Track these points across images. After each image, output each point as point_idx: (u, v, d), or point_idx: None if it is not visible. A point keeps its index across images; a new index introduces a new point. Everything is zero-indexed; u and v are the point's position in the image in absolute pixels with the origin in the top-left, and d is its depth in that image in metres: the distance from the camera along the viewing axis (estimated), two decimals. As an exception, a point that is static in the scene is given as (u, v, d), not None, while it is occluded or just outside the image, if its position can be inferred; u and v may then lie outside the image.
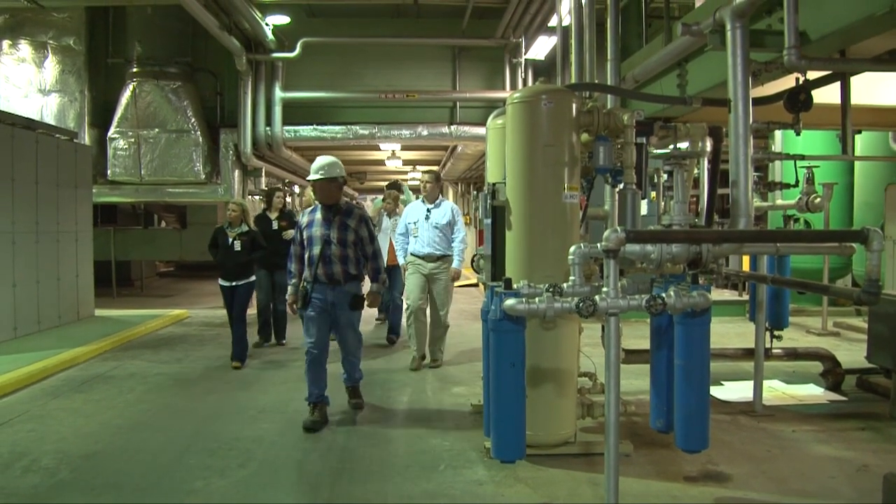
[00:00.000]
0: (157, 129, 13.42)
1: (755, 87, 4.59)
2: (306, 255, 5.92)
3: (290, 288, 6.05)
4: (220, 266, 8.32)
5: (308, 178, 6.28)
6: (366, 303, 6.00)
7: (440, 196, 8.24)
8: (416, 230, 8.05)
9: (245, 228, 8.29)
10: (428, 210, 8.05)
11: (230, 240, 8.18)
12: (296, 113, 14.00)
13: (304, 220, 6.07)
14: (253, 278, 8.41)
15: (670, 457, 4.86)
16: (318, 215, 5.96)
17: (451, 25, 14.09)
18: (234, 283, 8.18)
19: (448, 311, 8.17)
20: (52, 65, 13.34)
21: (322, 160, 5.85)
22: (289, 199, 9.44)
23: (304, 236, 5.96)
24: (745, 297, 11.24)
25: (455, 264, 8.06)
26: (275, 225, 9.27)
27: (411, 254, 8.09)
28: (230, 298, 8.25)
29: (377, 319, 11.18)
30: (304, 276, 5.92)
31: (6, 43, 13.19)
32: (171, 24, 13.52)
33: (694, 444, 4.07)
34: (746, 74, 4.26)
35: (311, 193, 7.10)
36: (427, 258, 7.98)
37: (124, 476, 4.62)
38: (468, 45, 14.46)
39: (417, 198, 8.63)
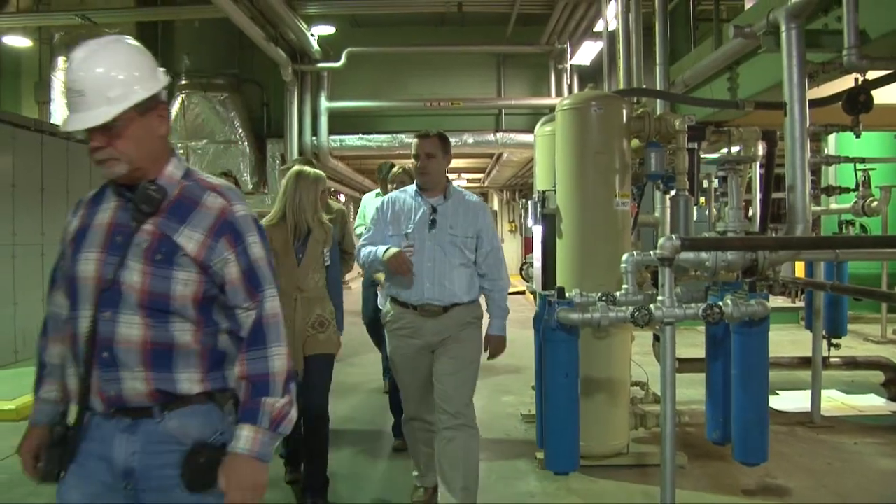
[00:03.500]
0: (205, 140, 13.61)
1: (811, 89, 4.48)
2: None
3: None
4: None
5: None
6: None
7: (449, 181, 4.07)
8: (406, 250, 3.88)
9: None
10: (432, 209, 3.91)
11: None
12: (341, 122, 14.08)
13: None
14: None
15: (726, 469, 4.75)
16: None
17: (495, 32, 14.06)
18: None
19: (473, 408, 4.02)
20: (104, 79, 13.62)
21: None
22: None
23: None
24: (798, 303, 10.99)
25: (496, 328, 4.00)
26: None
27: (393, 299, 4.02)
28: None
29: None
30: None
31: (61, 59, 13.47)
32: (218, 36, 13.70)
33: (752, 457, 3.96)
34: (802, 76, 4.17)
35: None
36: (428, 310, 3.86)
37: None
38: (513, 52, 14.41)
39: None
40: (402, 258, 3.78)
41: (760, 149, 5.45)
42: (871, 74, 4.92)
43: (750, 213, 8.83)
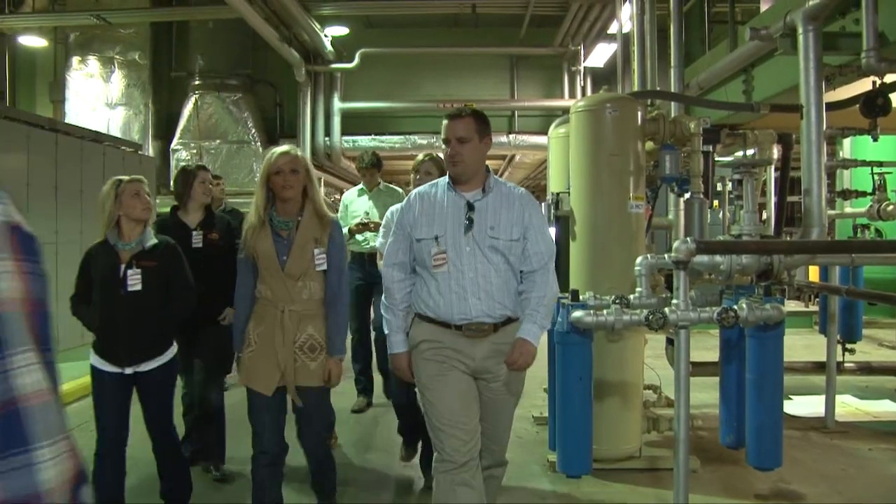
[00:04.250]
0: (218, 141, 13.65)
1: (827, 92, 4.46)
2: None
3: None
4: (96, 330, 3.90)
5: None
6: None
7: (489, 171, 3.32)
8: (437, 259, 3.15)
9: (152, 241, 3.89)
10: (468, 206, 3.17)
11: (122, 268, 3.79)
12: (354, 123, 14.11)
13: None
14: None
15: (739, 473, 4.71)
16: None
17: (508, 34, 14.05)
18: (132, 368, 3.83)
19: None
20: (118, 79, 13.69)
21: None
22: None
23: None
24: (812, 307, 10.93)
25: (529, 332, 3.17)
26: (196, 238, 4.60)
27: (424, 318, 3.24)
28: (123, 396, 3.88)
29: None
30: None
31: (76, 59, 13.56)
32: (232, 37, 13.75)
33: (766, 462, 3.94)
34: (819, 79, 4.14)
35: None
36: (476, 330, 3.14)
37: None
38: (526, 54, 14.40)
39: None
40: (405, 365, 3.28)
41: (775, 152, 5.42)
42: (889, 77, 4.89)
43: (764, 216, 8.79)
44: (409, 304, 3.26)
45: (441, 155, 3.83)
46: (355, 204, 6.18)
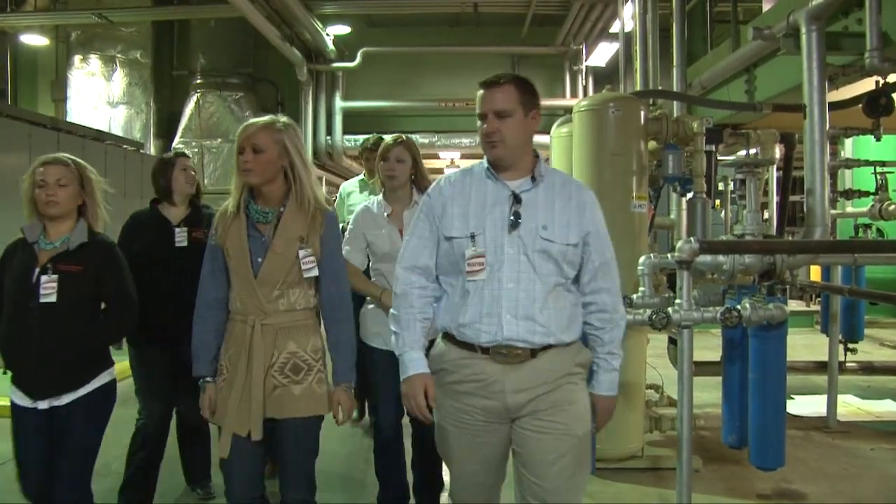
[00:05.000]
0: (219, 139, 13.65)
1: (830, 92, 4.46)
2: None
3: None
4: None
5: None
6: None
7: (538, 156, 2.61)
8: (474, 264, 2.47)
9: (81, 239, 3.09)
10: (514, 198, 2.49)
11: (35, 273, 3.00)
12: (356, 122, 14.11)
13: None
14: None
15: (741, 473, 4.71)
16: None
17: (510, 33, 14.05)
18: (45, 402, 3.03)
19: None
20: (119, 78, 13.69)
21: None
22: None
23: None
24: (814, 307, 10.93)
25: (605, 384, 2.61)
26: (180, 236, 3.92)
27: (449, 336, 2.56)
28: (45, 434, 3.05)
29: None
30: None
31: (77, 58, 13.57)
32: (233, 35, 13.76)
33: (769, 462, 3.94)
34: (822, 79, 4.14)
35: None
36: (508, 355, 2.45)
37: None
38: (528, 53, 14.42)
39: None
40: (419, 397, 2.50)
41: (777, 151, 5.42)
42: (892, 77, 4.90)
43: (766, 215, 8.79)
44: (428, 317, 2.58)
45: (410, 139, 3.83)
46: (354, 197, 5.47)
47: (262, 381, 2.72)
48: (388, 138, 3.85)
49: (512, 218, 2.44)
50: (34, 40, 13.62)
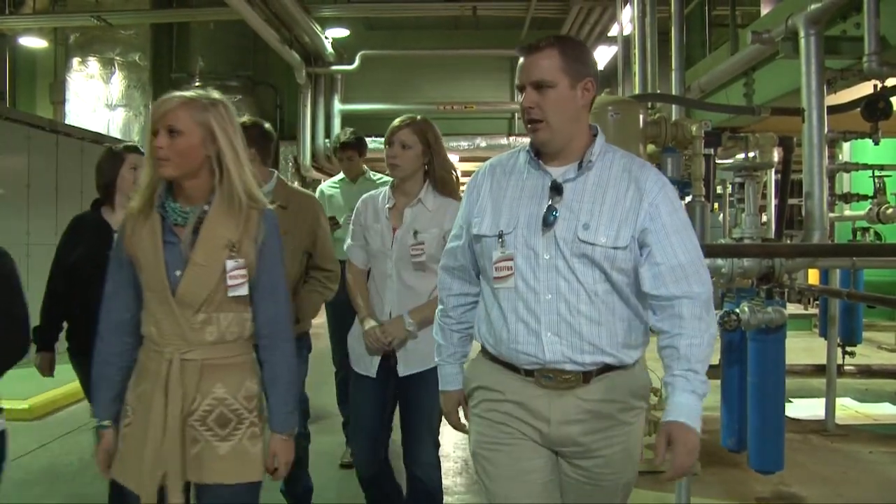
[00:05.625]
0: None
1: (828, 95, 4.46)
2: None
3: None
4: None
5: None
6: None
7: (595, 135, 2.15)
8: (501, 269, 2.10)
9: None
10: (554, 188, 2.08)
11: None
12: (355, 125, 13.89)
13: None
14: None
15: (740, 477, 4.72)
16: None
17: (509, 36, 14.02)
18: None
19: None
20: (118, 80, 13.68)
21: None
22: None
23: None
24: (812, 310, 10.94)
25: (683, 408, 2.02)
26: None
27: (487, 353, 2.22)
28: None
29: None
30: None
31: (76, 60, 13.55)
32: (232, 38, 13.77)
33: (768, 465, 3.96)
34: (821, 83, 4.15)
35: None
36: (554, 379, 2.08)
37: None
38: (525, 56, 14.41)
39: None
40: (452, 415, 2.40)
41: (776, 155, 5.43)
42: (890, 81, 4.90)
43: (764, 218, 8.81)
44: (469, 327, 2.31)
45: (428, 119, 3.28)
46: (335, 199, 5.14)
47: (178, 433, 2.11)
48: (396, 120, 3.27)
49: (546, 215, 2.04)
50: (33, 42, 13.62)
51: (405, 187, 3.21)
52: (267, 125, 3.49)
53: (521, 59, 2.08)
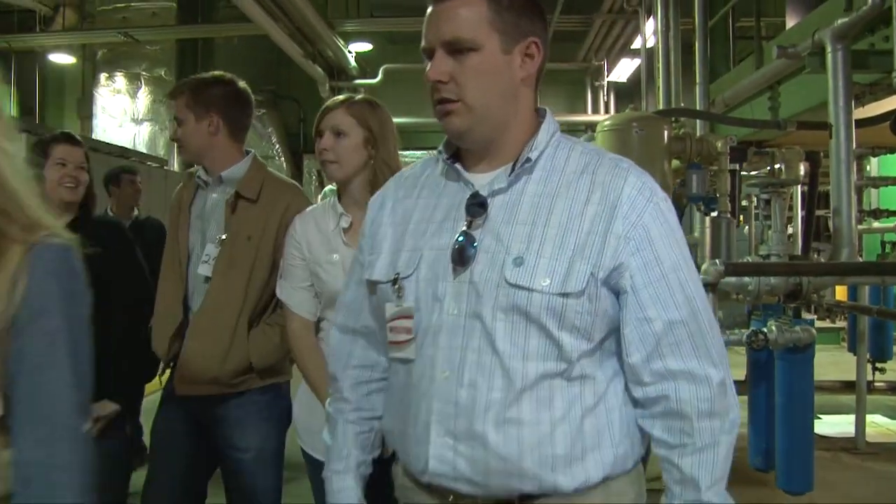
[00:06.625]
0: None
1: (856, 109, 4.42)
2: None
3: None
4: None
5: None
6: None
7: (543, 116, 1.40)
8: (396, 329, 1.37)
9: None
10: (475, 202, 1.34)
11: None
12: (377, 138, 14.16)
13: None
14: None
15: (768, 496, 4.63)
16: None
17: (531, 49, 14.09)
18: None
19: None
20: (144, 95, 13.84)
21: None
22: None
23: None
24: (840, 323, 10.78)
25: None
26: None
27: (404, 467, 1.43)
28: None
29: None
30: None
31: (103, 76, 13.74)
32: (256, 53, 13.90)
33: (796, 486, 3.89)
34: (849, 98, 4.10)
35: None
36: (454, 499, 1.31)
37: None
38: (549, 69, 14.03)
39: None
40: None
41: (802, 169, 5.38)
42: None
43: (790, 230, 8.72)
44: (375, 417, 1.52)
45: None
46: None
47: None
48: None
49: (458, 246, 1.30)
50: (61, 59, 13.84)
51: (354, 193, 2.17)
52: (242, 83, 2.54)
53: (430, 7, 1.38)
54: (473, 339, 1.29)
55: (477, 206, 1.33)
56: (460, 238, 1.31)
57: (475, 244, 1.31)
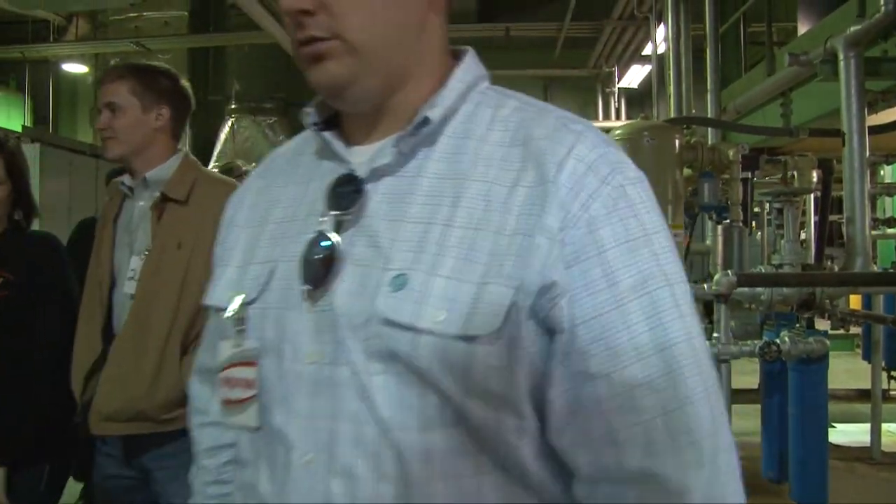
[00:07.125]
0: (254, 164, 13.72)
1: (869, 116, 4.39)
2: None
3: None
4: None
5: None
6: None
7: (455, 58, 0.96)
8: (229, 383, 0.88)
9: None
10: (341, 191, 0.85)
11: None
12: (388, 145, 14.20)
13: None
14: None
15: (782, 507, 4.61)
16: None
17: (542, 56, 14.07)
18: None
19: None
20: (157, 103, 13.94)
21: None
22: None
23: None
24: (854, 330, 10.70)
25: None
26: None
27: None
28: None
29: None
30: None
31: (115, 84, 13.86)
32: (267, 61, 13.98)
33: (810, 498, 3.85)
34: (862, 105, 4.07)
35: None
36: None
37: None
38: (560, 76, 14.43)
39: None
40: None
41: (815, 176, 5.34)
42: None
43: (802, 236, 8.67)
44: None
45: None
46: None
47: None
48: None
49: (312, 253, 0.85)
50: (74, 68, 13.95)
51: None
52: (184, 81, 2.36)
53: None
54: (346, 401, 0.79)
55: (351, 192, 0.85)
56: (323, 243, 0.83)
57: (334, 257, 0.82)
